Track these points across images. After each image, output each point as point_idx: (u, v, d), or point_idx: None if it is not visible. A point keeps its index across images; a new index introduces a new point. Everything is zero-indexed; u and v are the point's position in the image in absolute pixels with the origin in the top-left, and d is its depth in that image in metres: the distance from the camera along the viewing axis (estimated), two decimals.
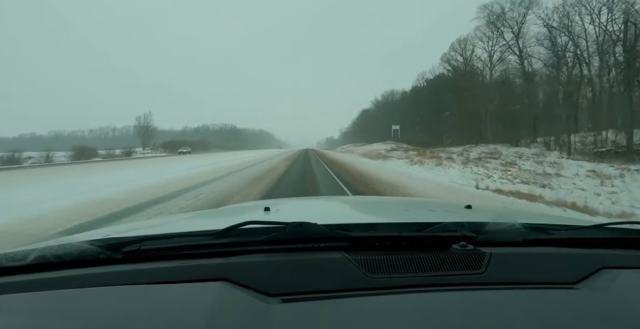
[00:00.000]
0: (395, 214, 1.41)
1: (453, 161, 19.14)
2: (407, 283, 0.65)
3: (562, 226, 0.90)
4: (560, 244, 0.82)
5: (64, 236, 1.00)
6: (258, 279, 0.65)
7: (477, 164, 18.24)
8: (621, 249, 0.82)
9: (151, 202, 5.87)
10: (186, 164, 18.05)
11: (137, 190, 7.40)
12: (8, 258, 0.72)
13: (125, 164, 20.58)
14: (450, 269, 0.69)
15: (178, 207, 5.38)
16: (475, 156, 21.67)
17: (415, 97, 47.91)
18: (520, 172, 15.53)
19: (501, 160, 20.15)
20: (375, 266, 0.69)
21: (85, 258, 0.73)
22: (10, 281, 0.68)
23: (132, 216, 4.83)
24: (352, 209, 1.68)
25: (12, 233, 3.79)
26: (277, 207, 1.47)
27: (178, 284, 0.64)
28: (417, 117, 46.05)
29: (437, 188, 8.02)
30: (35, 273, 0.70)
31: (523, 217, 1.09)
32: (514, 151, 23.88)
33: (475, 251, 0.74)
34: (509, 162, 19.50)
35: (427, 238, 0.79)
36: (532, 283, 0.67)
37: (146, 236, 0.79)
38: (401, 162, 19.58)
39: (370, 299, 0.60)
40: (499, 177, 13.43)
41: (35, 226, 4.10)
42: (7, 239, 3.52)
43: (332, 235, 0.77)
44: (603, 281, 0.66)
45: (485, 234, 0.80)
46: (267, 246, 0.75)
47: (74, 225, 4.19)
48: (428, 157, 21.01)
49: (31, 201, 5.70)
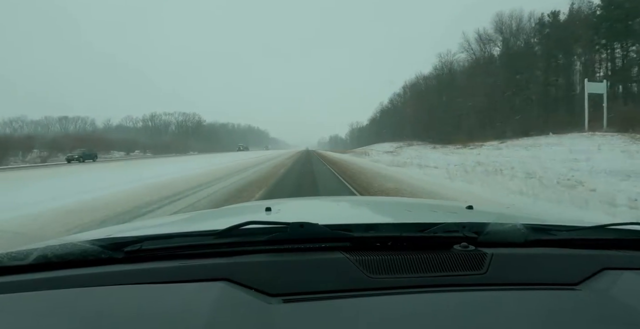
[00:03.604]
0: (397, 215, 1.41)
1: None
2: (408, 284, 0.65)
3: (563, 227, 0.90)
4: (562, 245, 0.82)
5: (66, 235, 1.00)
6: (259, 279, 0.65)
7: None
8: (623, 250, 0.81)
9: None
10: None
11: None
12: (10, 258, 0.72)
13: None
14: (451, 269, 0.69)
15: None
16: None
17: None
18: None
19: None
20: (376, 267, 0.69)
21: (87, 257, 0.73)
22: (12, 280, 0.68)
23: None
24: (353, 209, 1.68)
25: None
26: (279, 207, 1.48)
27: (179, 284, 0.64)
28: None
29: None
30: (37, 273, 0.70)
31: (524, 218, 1.09)
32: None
33: (476, 252, 0.74)
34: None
35: (429, 239, 0.79)
36: (534, 283, 0.67)
37: (147, 236, 0.79)
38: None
39: (371, 299, 0.60)
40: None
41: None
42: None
43: (333, 235, 0.77)
44: (605, 282, 0.66)
45: (487, 235, 0.80)
46: (268, 246, 0.75)
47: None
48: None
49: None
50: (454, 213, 1.29)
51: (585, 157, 13.27)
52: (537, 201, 5.35)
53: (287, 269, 0.69)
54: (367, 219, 1.30)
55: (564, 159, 13.45)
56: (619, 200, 4.92)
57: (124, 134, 76.48)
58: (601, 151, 15.12)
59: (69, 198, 6.54)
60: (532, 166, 11.63)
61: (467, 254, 0.73)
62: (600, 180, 7.51)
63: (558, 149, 17.97)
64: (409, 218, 1.22)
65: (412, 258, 0.71)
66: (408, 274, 0.68)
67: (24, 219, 4.67)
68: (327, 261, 0.71)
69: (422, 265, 0.70)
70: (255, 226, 0.78)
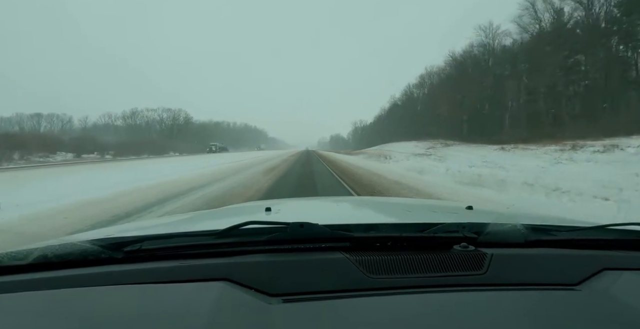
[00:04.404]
0: (397, 215, 1.41)
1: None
2: (408, 284, 0.65)
3: (563, 227, 0.90)
4: (562, 245, 0.82)
5: (66, 235, 1.00)
6: (259, 279, 0.65)
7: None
8: (623, 251, 0.81)
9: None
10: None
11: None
12: (10, 257, 0.72)
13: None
14: (451, 270, 0.69)
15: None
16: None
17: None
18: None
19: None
20: (376, 267, 0.69)
21: (87, 257, 0.73)
22: (12, 280, 0.68)
23: None
24: (353, 209, 1.68)
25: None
26: (278, 207, 1.48)
27: (179, 283, 0.64)
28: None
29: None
30: (37, 272, 0.70)
31: (524, 218, 1.09)
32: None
33: (476, 252, 0.74)
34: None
35: (428, 239, 0.79)
36: (534, 284, 0.67)
37: (147, 236, 0.79)
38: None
39: (371, 299, 0.60)
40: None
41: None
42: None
43: (333, 235, 0.77)
44: (605, 283, 0.66)
45: (487, 235, 0.80)
46: (268, 246, 0.75)
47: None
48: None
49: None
50: (453, 213, 1.29)
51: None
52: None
53: (287, 269, 0.69)
54: (367, 219, 1.30)
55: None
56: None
57: (96, 132, 65.37)
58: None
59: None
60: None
61: (467, 255, 0.73)
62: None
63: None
64: (408, 218, 1.22)
65: (412, 258, 0.71)
66: (408, 275, 0.68)
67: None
68: (327, 261, 0.71)
69: (422, 265, 0.70)
70: (255, 226, 0.78)
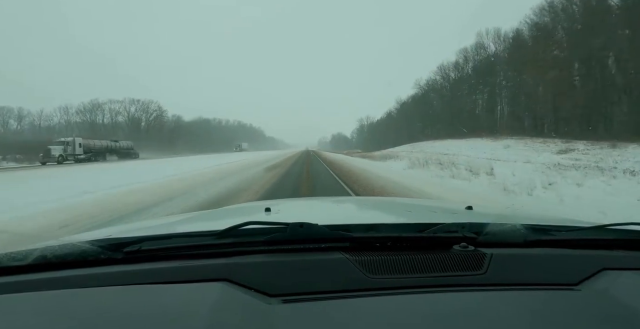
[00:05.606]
0: (396, 215, 1.42)
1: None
2: (408, 284, 0.65)
3: (563, 227, 0.90)
4: (562, 245, 0.82)
5: (66, 235, 1.00)
6: (259, 279, 0.65)
7: None
8: (623, 251, 0.81)
9: None
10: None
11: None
12: (9, 258, 0.72)
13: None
14: (450, 270, 0.69)
15: None
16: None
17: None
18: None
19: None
20: (375, 267, 0.69)
21: (86, 258, 0.73)
22: (11, 280, 0.68)
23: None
24: (352, 209, 1.68)
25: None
26: (278, 207, 1.48)
27: (179, 284, 0.64)
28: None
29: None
30: (37, 273, 0.70)
31: (524, 218, 1.09)
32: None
33: (476, 252, 0.74)
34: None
35: (428, 239, 0.79)
36: (533, 284, 0.67)
37: (147, 237, 0.79)
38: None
39: (370, 299, 0.60)
40: None
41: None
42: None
43: (333, 236, 0.77)
44: (604, 283, 0.66)
45: (486, 235, 0.80)
46: (268, 247, 0.75)
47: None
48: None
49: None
50: (453, 214, 1.30)
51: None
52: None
53: (286, 269, 0.69)
54: (366, 219, 1.30)
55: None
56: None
57: (47, 131, 54.39)
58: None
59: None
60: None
61: (467, 255, 0.73)
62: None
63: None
64: (408, 218, 1.22)
65: (412, 258, 0.71)
66: (407, 275, 0.68)
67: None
68: (326, 262, 0.71)
69: (421, 265, 0.70)
70: (254, 227, 0.78)
